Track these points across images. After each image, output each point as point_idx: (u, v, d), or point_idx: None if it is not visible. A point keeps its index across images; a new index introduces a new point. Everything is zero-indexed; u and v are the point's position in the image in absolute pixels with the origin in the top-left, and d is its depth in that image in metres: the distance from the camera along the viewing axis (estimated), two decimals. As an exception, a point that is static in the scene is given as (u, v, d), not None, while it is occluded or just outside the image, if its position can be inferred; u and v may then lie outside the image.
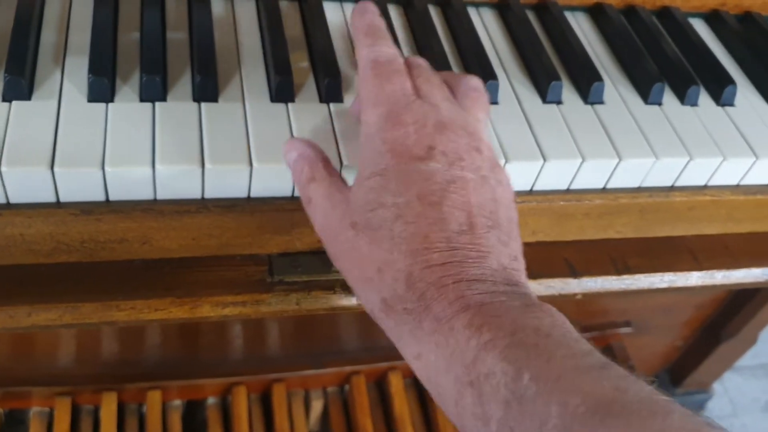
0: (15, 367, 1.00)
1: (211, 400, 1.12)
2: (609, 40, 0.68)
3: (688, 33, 0.69)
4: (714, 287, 0.64)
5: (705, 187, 0.61)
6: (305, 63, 0.59)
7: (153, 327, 0.99)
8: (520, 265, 0.45)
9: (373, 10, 0.52)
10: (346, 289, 0.56)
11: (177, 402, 1.10)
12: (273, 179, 0.51)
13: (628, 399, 0.33)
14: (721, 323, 1.31)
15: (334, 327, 1.11)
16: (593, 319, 1.21)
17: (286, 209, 0.52)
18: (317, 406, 1.17)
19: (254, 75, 0.56)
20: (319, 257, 0.56)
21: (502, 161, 0.54)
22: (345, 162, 0.52)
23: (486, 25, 0.67)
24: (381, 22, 0.51)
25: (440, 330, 0.40)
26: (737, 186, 0.62)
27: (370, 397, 1.16)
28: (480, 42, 0.63)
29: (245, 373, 1.12)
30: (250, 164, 0.50)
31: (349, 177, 0.50)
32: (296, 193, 0.53)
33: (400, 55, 0.50)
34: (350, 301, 0.56)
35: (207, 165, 0.49)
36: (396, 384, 1.16)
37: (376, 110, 0.46)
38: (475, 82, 0.51)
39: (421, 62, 0.51)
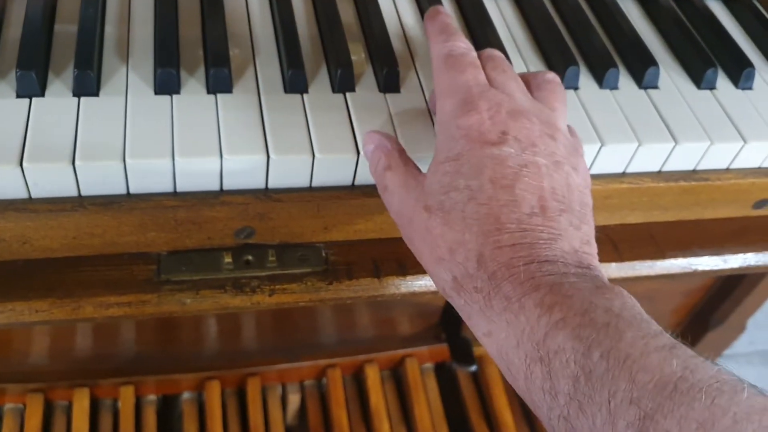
0: (-11, 364, 1.00)
1: (187, 395, 1.11)
2: (529, 24, 0.65)
3: (614, 13, 0.66)
4: (637, 279, 0.61)
5: (623, 174, 0.59)
6: (198, 52, 0.57)
7: (127, 322, 0.98)
8: (592, 249, 0.46)
9: (444, 11, 0.56)
10: (238, 287, 0.54)
11: (152, 397, 1.09)
12: (150, 175, 0.50)
13: (696, 377, 0.34)
14: (708, 310, 1.28)
15: (311, 320, 1.10)
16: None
17: (166, 206, 0.51)
18: (294, 400, 1.16)
19: (142, 67, 0.55)
20: (211, 255, 0.55)
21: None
22: (225, 155, 0.50)
23: (398, 7, 0.65)
24: (453, 22, 0.55)
25: (510, 308, 0.41)
26: (659, 173, 0.59)
27: (348, 390, 1.14)
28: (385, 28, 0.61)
29: (220, 367, 1.11)
30: (123, 160, 0.48)
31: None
32: (178, 189, 0.51)
33: (473, 49, 0.52)
34: (242, 300, 0.54)
35: (77, 162, 0.48)
36: (373, 377, 1.15)
37: (451, 99, 0.48)
38: (550, 75, 0.53)
39: (495, 54, 0.52)
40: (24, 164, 0.47)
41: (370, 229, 0.57)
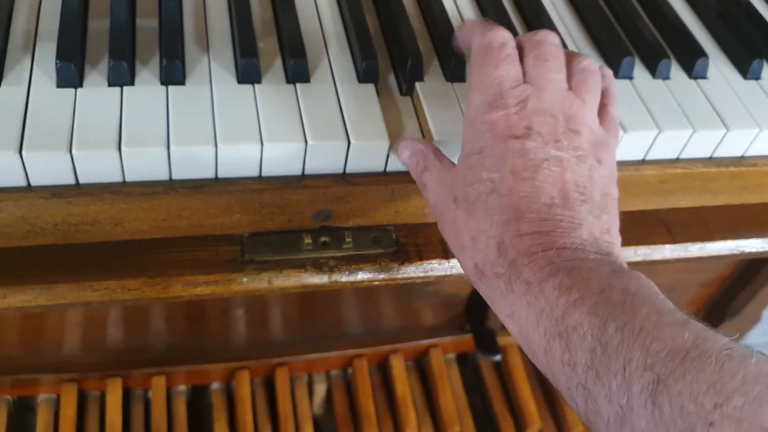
0: (23, 355, 1.01)
1: (216, 385, 1.13)
2: (583, 18, 0.68)
3: (662, 7, 0.69)
4: (689, 260, 0.64)
5: (677, 160, 0.61)
6: (273, 44, 0.59)
7: (158, 313, 1.00)
8: (613, 237, 0.47)
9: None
10: (317, 266, 0.57)
11: (182, 387, 1.11)
12: (238, 159, 0.52)
13: (707, 346, 0.36)
14: (725, 301, 1.30)
15: (337, 310, 1.12)
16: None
17: (253, 189, 0.53)
18: (320, 390, 1.17)
19: (222, 58, 0.57)
20: (291, 235, 0.57)
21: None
22: (310, 141, 0.52)
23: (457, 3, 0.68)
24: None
25: (531, 291, 0.43)
26: (710, 158, 0.62)
27: (373, 380, 1.16)
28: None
29: (249, 357, 1.13)
30: (215, 145, 0.51)
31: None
32: (263, 173, 0.54)
33: (513, 39, 0.51)
34: (321, 279, 0.57)
35: (172, 147, 0.50)
36: (398, 366, 1.16)
37: (481, 95, 0.49)
38: (586, 62, 0.52)
39: (544, 39, 0.51)
40: (122, 149, 0.49)
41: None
